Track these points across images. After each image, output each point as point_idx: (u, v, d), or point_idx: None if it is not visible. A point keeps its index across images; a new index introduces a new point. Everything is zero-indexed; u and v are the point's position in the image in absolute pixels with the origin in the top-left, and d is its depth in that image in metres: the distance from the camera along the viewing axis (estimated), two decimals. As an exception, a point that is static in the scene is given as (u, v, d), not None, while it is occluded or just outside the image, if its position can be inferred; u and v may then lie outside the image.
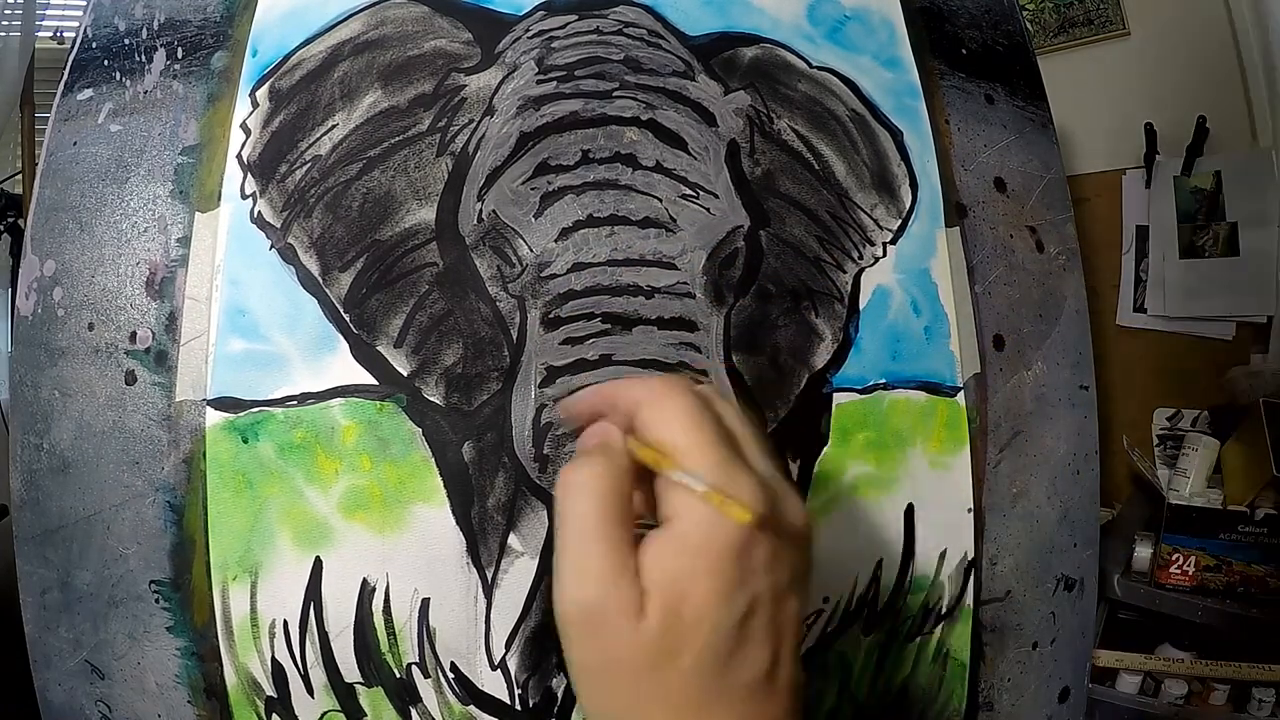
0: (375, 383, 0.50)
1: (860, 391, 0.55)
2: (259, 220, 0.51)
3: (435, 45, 0.54)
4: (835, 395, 0.54)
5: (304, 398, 0.49)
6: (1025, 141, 0.65)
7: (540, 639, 0.50)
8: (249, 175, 0.52)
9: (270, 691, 0.50)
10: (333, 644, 0.49)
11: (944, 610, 0.57)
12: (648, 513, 0.32)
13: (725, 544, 0.28)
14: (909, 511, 0.55)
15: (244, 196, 0.51)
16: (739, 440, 0.32)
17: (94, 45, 0.58)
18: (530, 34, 0.54)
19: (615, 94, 0.53)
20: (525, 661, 0.50)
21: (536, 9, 0.54)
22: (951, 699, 0.58)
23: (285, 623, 0.49)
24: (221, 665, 0.50)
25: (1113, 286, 1.46)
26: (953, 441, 0.57)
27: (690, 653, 0.28)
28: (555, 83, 0.53)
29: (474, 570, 0.50)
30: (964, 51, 0.64)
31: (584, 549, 0.29)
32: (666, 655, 0.28)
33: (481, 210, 0.51)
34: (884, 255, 0.57)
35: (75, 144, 0.56)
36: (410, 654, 0.50)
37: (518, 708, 0.50)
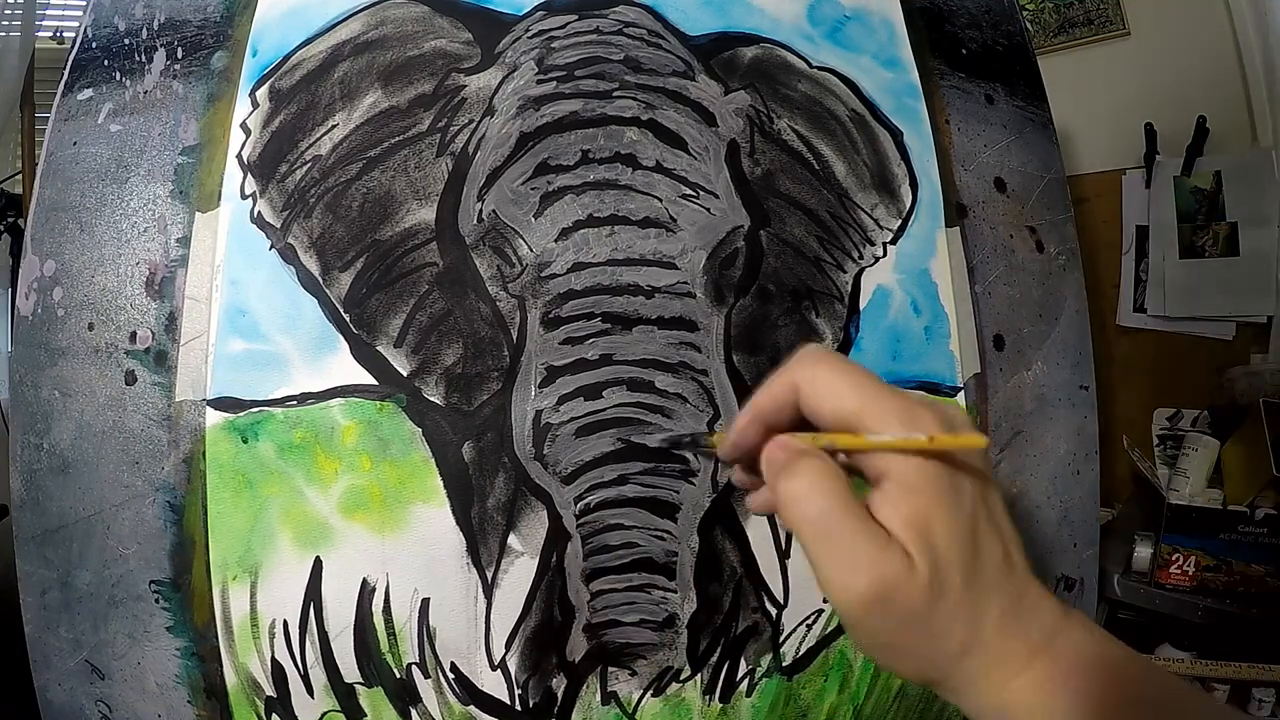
0: (375, 383, 0.50)
1: (860, 391, 0.54)
2: (259, 220, 0.51)
3: (435, 45, 0.54)
4: (835, 395, 0.54)
5: (304, 398, 0.49)
6: (1025, 141, 0.65)
7: (540, 639, 0.50)
8: (249, 175, 0.52)
9: (270, 691, 0.50)
10: (333, 644, 0.49)
11: (944, 610, 0.57)
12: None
13: (935, 473, 0.32)
14: (909, 511, 0.55)
15: (244, 196, 0.51)
16: (882, 381, 0.35)
17: (94, 45, 0.58)
18: (530, 34, 0.54)
19: (615, 94, 0.53)
20: (525, 661, 0.50)
21: (536, 9, 0.54)
22: (951, 699, 0.58)
23: (285, 623, 0.49)
24: (221, 665, 0.50)
25: (1113, 286, 1.46)
26: (953, 441, 0.57)
27: (955, 573, 0.31)
28: (555, 83, 0.53)
29: (474, 570, 0.50)
30: (964, 51, 0.64)
31: (840, 543, 0.32)
32: (943, 584, 0.31)
33: (481, 210, 0.51)
34: (884, 255, 0.57)
35: (75, 144, 0.56)
36: (410, 654, 0.50)
37: (518, 708, 0.50)
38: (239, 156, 0.52)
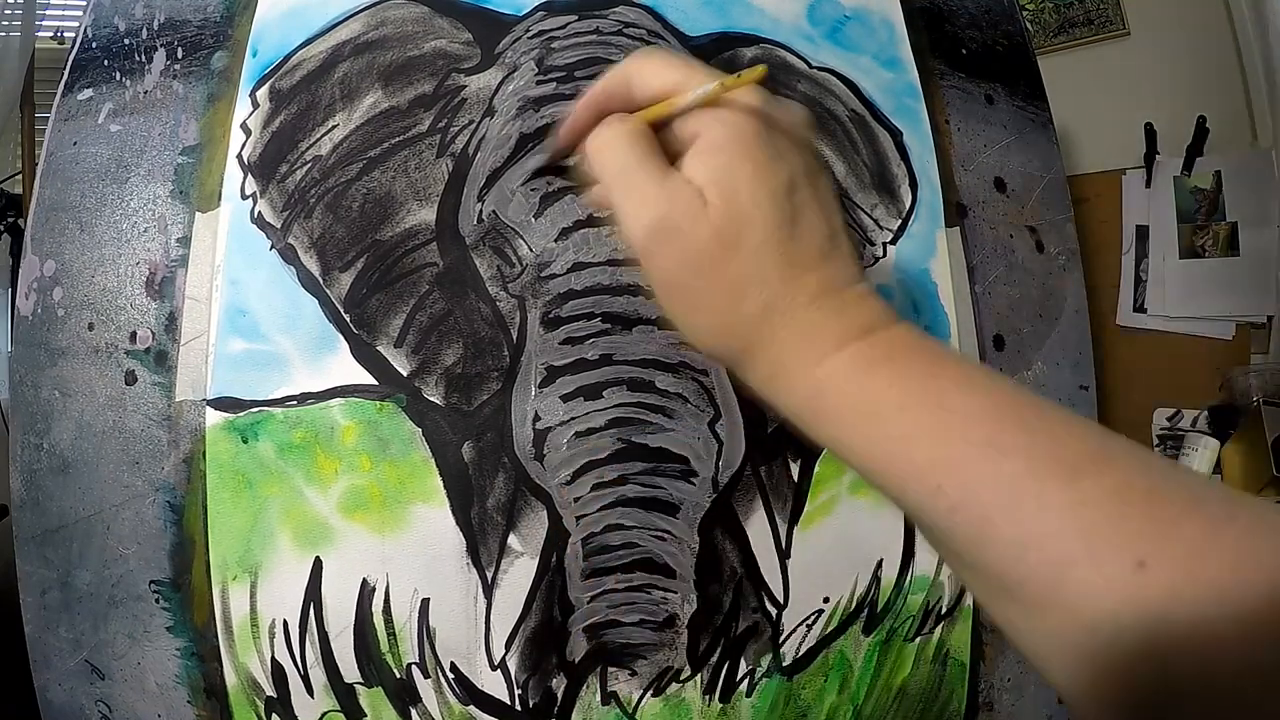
0: (375, 383, 0.50)
1: (860, 391, 0.54)
2: (259, 220, 0.51)
3: (435, 46, 0.54)
4: (835, 395, 0.54)
5: (304, 398, 0.49)
6: (1025, 141, 0.65)
7: (540, 639, 0.50)
8: (249, 175, 0.52)
9: (270, 691, 0.50)
10: (333, 644, 0.49)
11: (944, 610, 0.57)
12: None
13: (749, 129, 0.31)
14: (909, 511, 0.55)
15: (244, 197, 0.51)
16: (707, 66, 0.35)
17: (94, 45, 0.58)
18: (530, 34, 0.54)
19: (615, 94, 0.53)
20: (525, 661, 0.50)
21: (536, 9, 0.55)
22: (951, 699, 0.58)
23: (285, 623, 0.49)
24: (221, 665, 0.50)
25: (1113, 286, 1.46)
26: (953, 441, 0.57)
27: (758, 227, 0.30)
28: (555, 83, 0.53)
29: (474, 570, 0.50)
30: (964, 51, 0.64)
31: (635, 182, 0.31)
32: (737, 234, 0.30)
33: (481, 210, 0.51)
34: (884, 255, 0.57)
35: (75, 144, 0.56)
36: (410, 654, 0.50)
37: (517, 708, 0.50)
38: (239, 157, 0.52)
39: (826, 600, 0.54)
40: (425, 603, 0.49)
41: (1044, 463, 0.25)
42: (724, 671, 0.52)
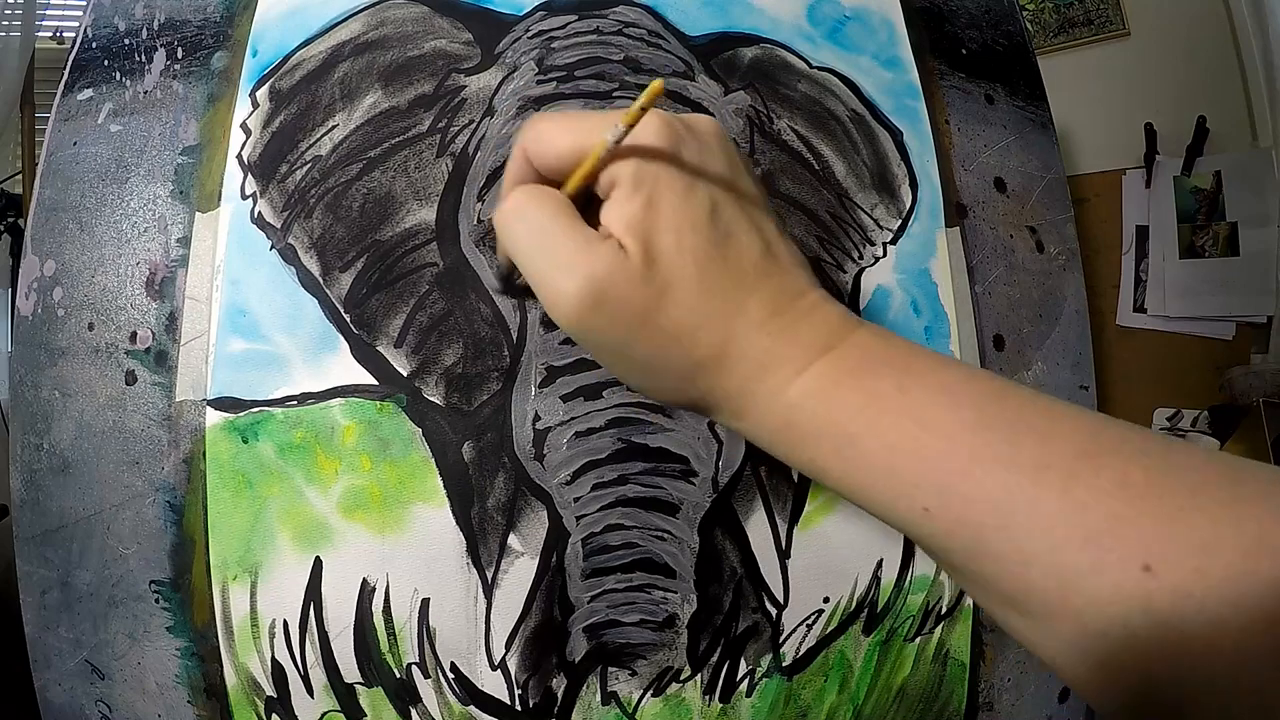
0: (375, 383, 0.50)
1: (860, 391, 0.54)
2: (259, 220, 0.51)
3: (435, 46, 0.54)
4: (835, 395, 0.54)
5: (304, 398, 0.49)
6: (1025, 141, 0.65)
7: (540, 639, 0.50)
8: (249, 175, 0.52)
9: (270, 691, 0.50)
10: (333, 644, 0.49)
11: (944, 610, 0.57)
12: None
13: (663, 172, 0.29)
14: (909, 511, 0.55)
15: (244, 197, 0.51)
16: (600, 111, 0.33)
17: (94, 45, 0.58)
18: (530, 34, 0.54)
19: (615, 94, 0.53)
20: (525, 661, 0.50)
21: (536, 9, 0.55)
22: (951, 699, 0.58)
23: (285, 623, 0.49)
24: (221, 665, 0.50)
25: (1113, 286, 1.46)
26: (953, 441, 0.57)
27: (687, 263, 0.28)
28: (555, 83, 0.53)
29: (474, 570, 0.50)
30: (964, 51, 0.64)
31: (548, 248, 0.29)
32: (666, 278, 0.28)
33: (482, 210, 0.51)
34: (884, 255, 0.57)
35: (75, 144, 0.56)
36: (410, 654, 0.50)
37: (518, 708, 0.50)
38: (239, 157, 0.52)
39: (826, 600, 0.54)
40: (425, 603, 0.49)
41: (1033, 471, 0.24)
42: (724, 671, 0.52)
